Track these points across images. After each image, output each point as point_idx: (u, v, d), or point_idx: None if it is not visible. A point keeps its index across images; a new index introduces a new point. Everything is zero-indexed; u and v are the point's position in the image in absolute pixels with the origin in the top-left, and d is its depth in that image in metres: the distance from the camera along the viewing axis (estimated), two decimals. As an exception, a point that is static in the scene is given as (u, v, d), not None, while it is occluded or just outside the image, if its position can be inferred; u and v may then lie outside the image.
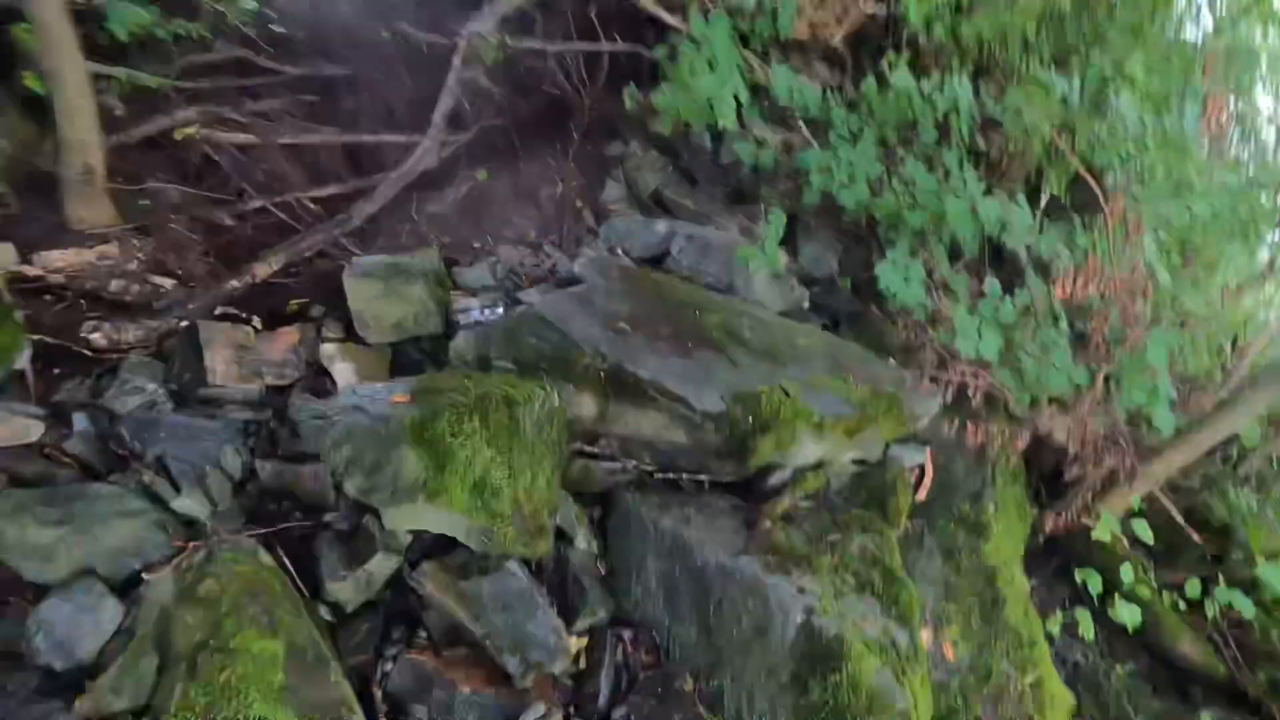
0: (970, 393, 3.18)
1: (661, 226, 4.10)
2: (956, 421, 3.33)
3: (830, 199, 4.14)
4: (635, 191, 4.35)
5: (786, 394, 2.92)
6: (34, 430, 2.20)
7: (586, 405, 2.87)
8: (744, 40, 4.67)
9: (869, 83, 3.99)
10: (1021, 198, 4.24)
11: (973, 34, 5.17)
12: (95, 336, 2.49)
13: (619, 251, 4.03)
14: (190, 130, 3.15)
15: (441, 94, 4.08)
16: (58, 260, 2.58)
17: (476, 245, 3.96)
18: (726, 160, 4.77)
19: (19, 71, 2.65)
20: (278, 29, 4.05)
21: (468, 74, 4.22)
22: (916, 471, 3.57)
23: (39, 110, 2.62)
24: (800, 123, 4.20)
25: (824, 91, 4.32)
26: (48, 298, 2.60)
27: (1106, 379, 3.55)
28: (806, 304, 4.12)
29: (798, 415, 2.86)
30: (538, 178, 4.42)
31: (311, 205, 3.57)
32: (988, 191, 4.11)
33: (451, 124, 4.22)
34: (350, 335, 3.09)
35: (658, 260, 4.02)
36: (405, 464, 2.07)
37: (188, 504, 2.18)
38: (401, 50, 4.57)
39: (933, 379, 3.36)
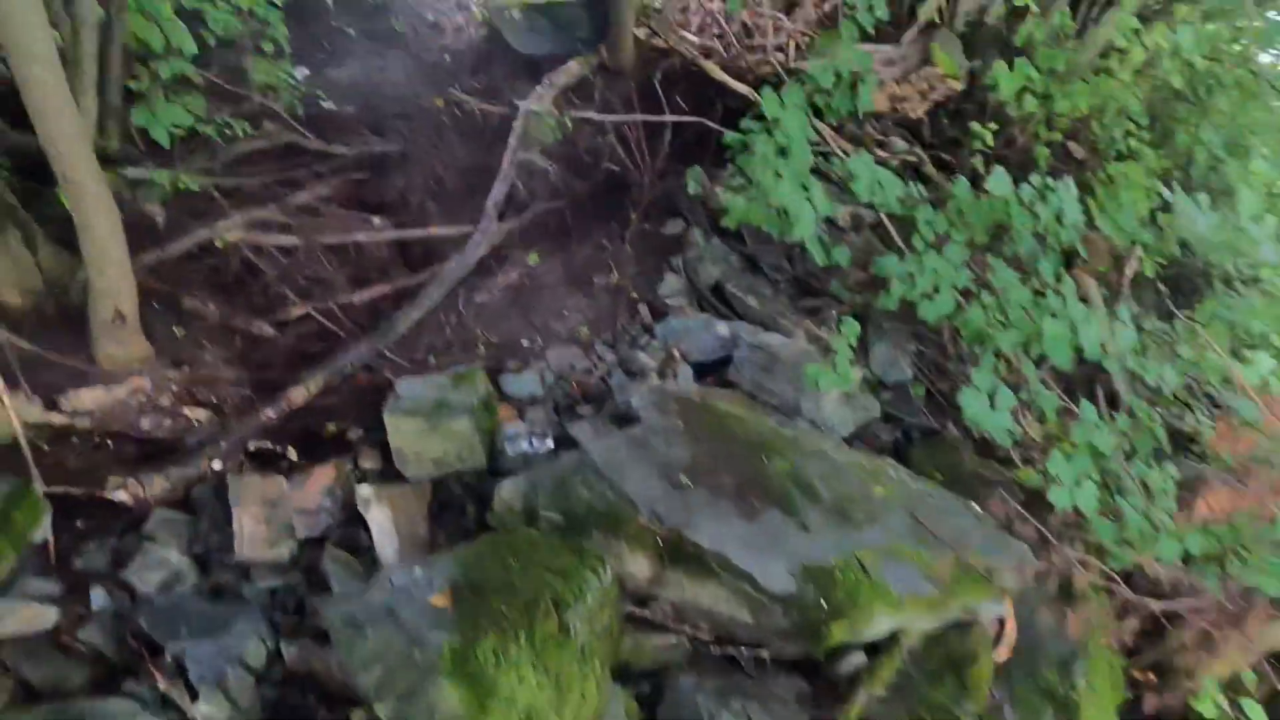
0: (1071, 579, 2.83)
1: (723, 329, 3.81)
2: (1056, 608, 2.98)
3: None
4: (695, 283, 4.06)
5: (863, 568, 2.62)
6: (49, 617, 2.04)
7: (640, 566, 2.62)
8: (817, 112, 4.35)
9: (960, 185, 3.63)
10: (1124, 312, 3.85)
11: (1068, 107, 4.78)
12: (120, 495, 2.32)
13: (676, 354, 3.76)
14: (232, 236, 2.97)
15: (496, 181, 3.85)
16: (87, 402, 2.42)
17: (525, 344, 3.72)
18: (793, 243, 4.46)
19: (51, 192, 2.49)
20: (327, 105, 3.86)
21: (523, 154, 3.98)
22: (996, 625, 3.23)
23: (70, 230, 2.44)
24: (883, 218, 3.86)
25: (905, 179, 3.98)
26: (74, 439, 2.44)
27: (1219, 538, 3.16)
28: (878, 413, 3.79)
29: (876, 596, 2.56)
30: (591, 262, 4.17)
31: (356, 303, 3.37)
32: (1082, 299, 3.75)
33: (503, 206, 3.99)
34: (389, 464, 2.88)
35: (719, 365, 3.74)
36: (442, 699, 1.84)
37: (206, 710, 1.99)
38: (454, 119, 4.36)
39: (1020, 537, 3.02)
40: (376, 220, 3.62)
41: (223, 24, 2.91)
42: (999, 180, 3.53)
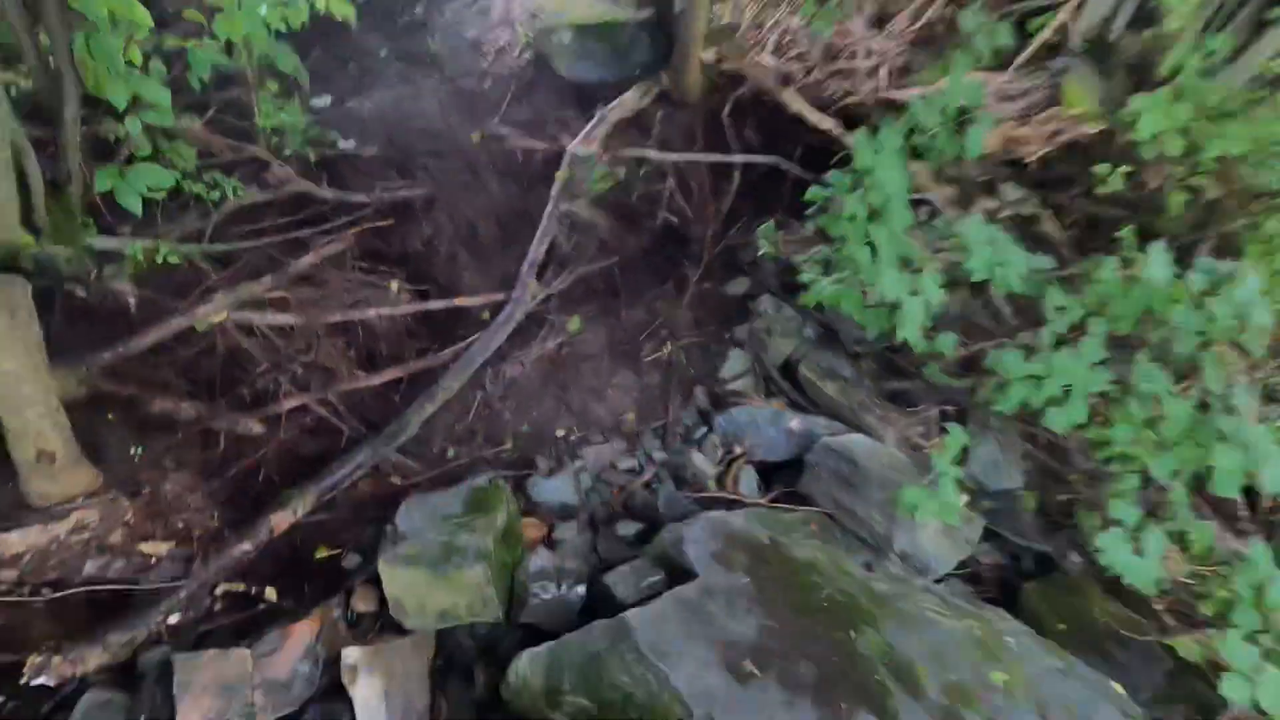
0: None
1: (795, 423, 3.19)
2: None
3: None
4: (762, 360, 3.44)
5: (984, 810, 1.99)
6: None
7: (688, 775, 2.04)
8: (914, 152, 3.66)
9: (1105, 269, 2.90)
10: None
11: (1221, 148, 3.95)
12: (42, 679, 1.87)
13: (736, 450, 3.16)
14: (217, 318, 2.49)
15: (535, 239, 3.30)
16: (16, 545, 1.98)
17: (560, 434, 3.17)
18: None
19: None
20: (346, 145, 3.36)
21: (567, 206, 3.42)
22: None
23: None
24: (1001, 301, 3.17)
25: (1021, 240, 3.29)
26: (1, 585, 2.00)
27: None
28: (980, 534, 3.12)
29: None
30: (641, 330, 3.58)
31: (363, 390, 2.87)
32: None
33: (543, 264, 3.44)
34: (386, 608, 2.37)
35: (790, 467, 3.13)
36: None
37: None
38: (492, 156, 3.81)
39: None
40: (394, 285, 3.11)
41: (207, 66, 2.41)
42: (1158, 264, 2.80)
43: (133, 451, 2.21)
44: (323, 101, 3.62)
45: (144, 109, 2.22)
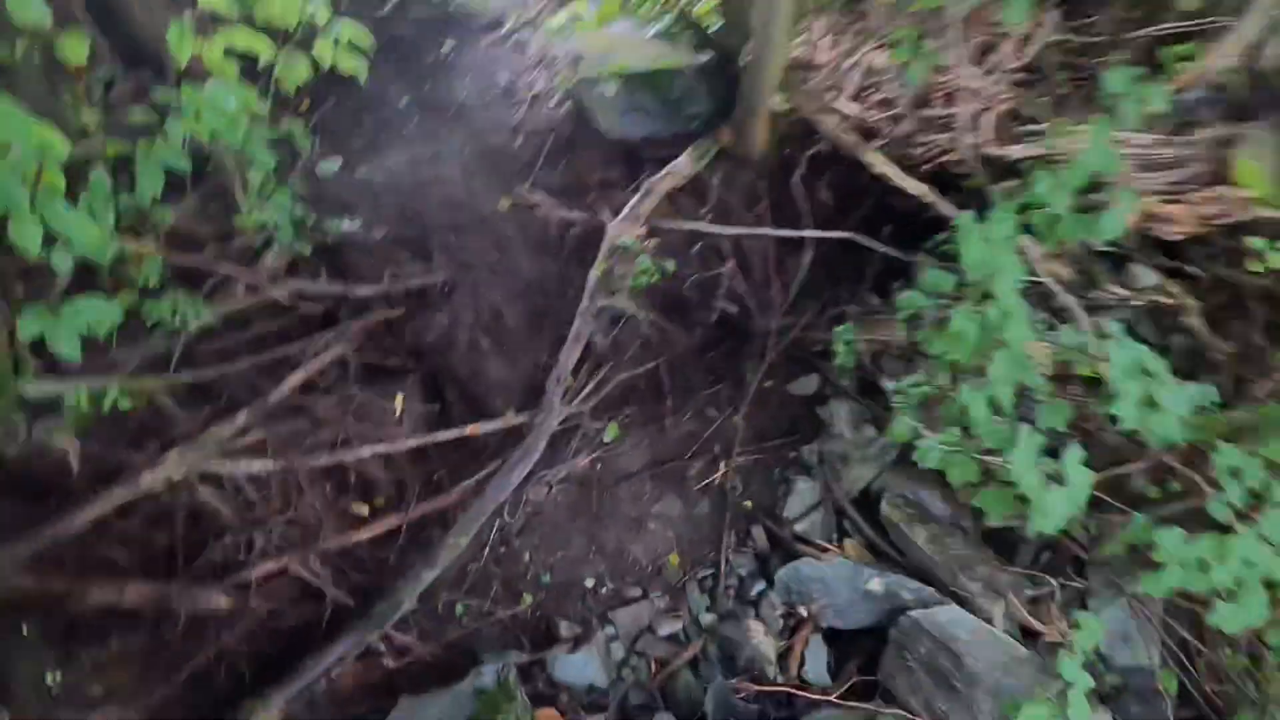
0: None
1: (875, 583, 2.60)
2: None
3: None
4: (834, 491, 2.85)
5: None
6: None
7: None
8: (1027, 228, 3.00)
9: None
10: None
11: None
12: None
13: (802, 612, 2.60)
14: (174, 478, 2.06)
15: (566, 346, 2.79)
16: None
17: (589, 585, 2.66)
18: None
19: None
20: (351, 227, 2.89)
21: (604, 303, 2.88)
22: None
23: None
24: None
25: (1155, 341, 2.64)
26: None
27: None
28: (1108, 731, 2.49)
29: None
30: (690, 443, 3.03)
31: (352, 545, 2.41)
32: None
33: (576, 370, 2.92)
34: None
35: (868, 635, 2.56)
36: None
37: None
38: (522, 228, 3.29)
39: None
40: (398, 401, 2.64)
41: (159, 179, 1.94)
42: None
43: (50, 682, 1.81)
44: (331, 167, 3.16)
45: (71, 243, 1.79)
